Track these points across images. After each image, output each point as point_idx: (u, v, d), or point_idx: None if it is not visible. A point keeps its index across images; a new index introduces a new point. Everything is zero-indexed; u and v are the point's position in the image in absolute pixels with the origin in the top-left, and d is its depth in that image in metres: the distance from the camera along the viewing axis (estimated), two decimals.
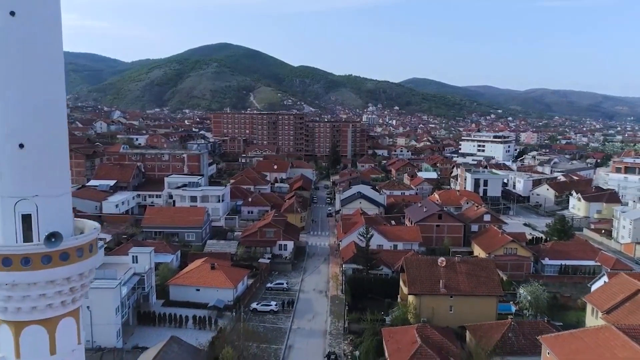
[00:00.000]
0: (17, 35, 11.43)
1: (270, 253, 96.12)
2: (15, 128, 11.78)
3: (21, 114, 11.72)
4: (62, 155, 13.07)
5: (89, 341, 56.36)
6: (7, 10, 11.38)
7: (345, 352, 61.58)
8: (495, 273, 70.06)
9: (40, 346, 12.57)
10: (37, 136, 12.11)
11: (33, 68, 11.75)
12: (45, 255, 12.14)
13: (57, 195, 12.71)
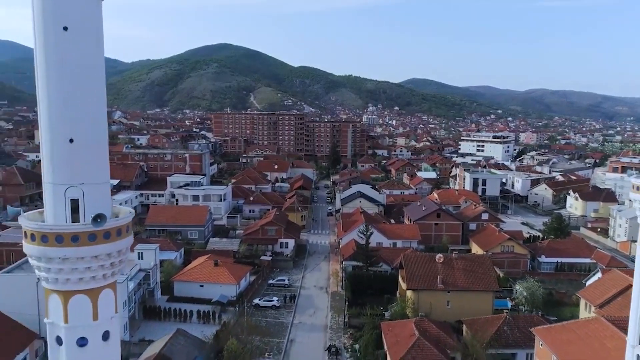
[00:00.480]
0: (68, 47, 13.48)
1: (271, 251, 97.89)
2: (67, 126, 13.86)
3: (71, 114, 13.84)
4: (103, 149, 15.07)
5: None
6: (61, 26, 13.35)
7: (346, 345, 63.38)
8: (492, 269, 71.85)
9: (84, 313, 14.65)
10: (84, 132, 14.19)
11: (81, 75, 13.81)
12: (91, 233, 14.20)
13: (99, 183, 14.82)
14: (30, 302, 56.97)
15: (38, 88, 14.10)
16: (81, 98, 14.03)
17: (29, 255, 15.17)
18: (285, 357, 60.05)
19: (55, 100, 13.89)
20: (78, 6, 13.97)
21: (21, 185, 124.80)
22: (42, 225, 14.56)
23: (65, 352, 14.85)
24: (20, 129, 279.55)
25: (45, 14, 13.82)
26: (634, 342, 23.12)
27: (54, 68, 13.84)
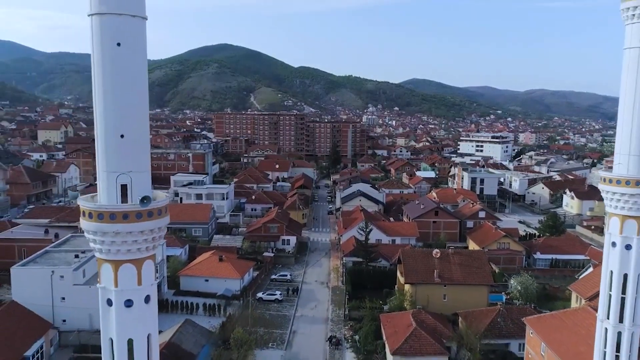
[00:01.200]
0: (121, 59, 16.21)
1: (274, 247, 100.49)
2: (119, 124, 16.60)
3: (122, 114, 16.59)
4: (146, 143, 17.81)
5: None
6: (115, 42, 16.06)
7: (346, 336, 65.94)
8: (487, 264, 74.47)
9: (131, 279, 17.45)
10: (132, 129, 16.95)
11: (130, 82, 16.49)
12: (138, 212, 16.96)
13: (143, 171, 17.60)
14: (45, 294, 59.81)
15: (95, 92, 16.93)
16: (130, 101, 16.84)
17: (86, 231, 17.85)
18: (288, 347, 62.60)
19: (110, 103, 16.67)
20: (128, 25, 16.59)
21: (28, 184, 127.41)
22: (99, 205, 17.37)
23: (114, 312, 17.72)
24: (23, 129, 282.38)
25: (103, 33, 16.42)
26: (602, 317, 25.60)
27: (109, 77, 16.60)
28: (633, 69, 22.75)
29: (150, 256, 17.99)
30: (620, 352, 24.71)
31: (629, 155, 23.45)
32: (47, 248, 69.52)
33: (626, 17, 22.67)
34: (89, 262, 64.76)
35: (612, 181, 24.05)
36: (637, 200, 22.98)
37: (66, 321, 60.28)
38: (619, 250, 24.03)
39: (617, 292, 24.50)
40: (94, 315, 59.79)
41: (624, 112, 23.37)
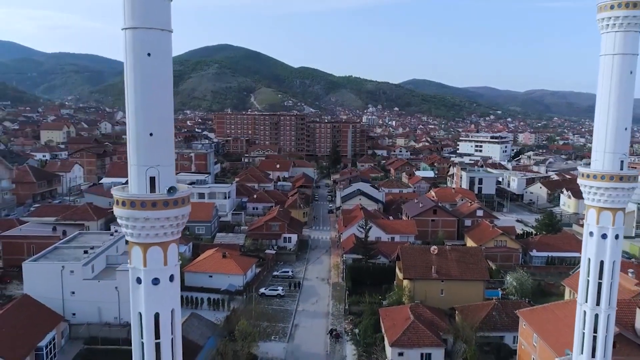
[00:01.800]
0: (151, 67, 18.34)
1: (275, 245, 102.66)
2: (148, 123, 18.74)
3: (152, 115, 18.77)
4: (171, 140, 20.02)
5: (117, 318, 63.07)
6: (146, 52, 18.21)
7: (346, 329, 68.09)
8: (483, 260, 76.60)
9: (158, 260, 19.62)
10: (159, 128, 19.14)
11: (158, 87, 18.62)
12: (165, 201, 19.16)
13: (169, 165, 19.82)
14: (55, 288, 61.94)
15: (127, 96, 19.11)
16: (158, 103, 19.01)
17: (119, 217, 20.02)
18: (290, 339, 64.75)
19: (141, 106, 18.83)
20: (157, 38, 18.70)
21: (34, 183, 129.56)
22: (131, 194, 19.57)
23: (143, 289, 19.90)
24: (26, 129, 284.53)
25: (135, 44, 18.55)
26: (581, 301, 27.72)
27: (140, 83, 18.75)
28: (607, 75, 24.90)
29: (175, 240, 20.20)
30: (598, 332, 26.88)
31: (604, 153, 25.61)
32: (56, 244, 71.66)
33: (601, 26, 24.80)
34: (98, 257, 67.01)
35: (589, 176, 26.18)
36: (611, 193, 25.12)
37: (76, 314, 62.36)
38: (595, 239, 26.16)
39: (594, 278, 26.63)
40: (103, 308, 62.41)
41: (599, 114, 25.57)
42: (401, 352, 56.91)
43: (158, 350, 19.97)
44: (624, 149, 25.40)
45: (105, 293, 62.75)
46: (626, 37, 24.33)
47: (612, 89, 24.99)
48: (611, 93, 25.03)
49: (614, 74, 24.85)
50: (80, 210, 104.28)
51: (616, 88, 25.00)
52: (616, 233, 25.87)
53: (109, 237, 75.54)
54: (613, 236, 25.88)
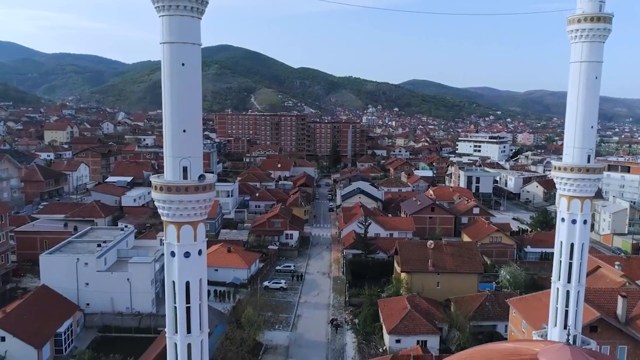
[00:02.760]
0: (184, 75, 21.63)
1: (278, 241, 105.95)
2: (182, 122, 22.02)
3: (185, 114, 22.08)
4: (200, 136, 23.34)
5: (129, 307, 66.45)
6: (181, 62, 21.58)
7: (347, 319, 71.46)
8: (477, 254, 79.97)
9: (189, 236, 22.90)
10: (191, 125, 22.44)
11: (190, 91, 21.91)
12: (196, 186, 22.46)
13: (198, 157, 23.09)
14: (70, 279, 65.29)
15: (164, 98, 22.44)
16: (189, 105, 22.30)
17: (156, 200, 23.32)
18: (293, 329, 68.12)
19: (176, 106, 22.15)
20: (189, 50, 22.03)
21: (41, 182, 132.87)
22: (168, 181, 22.85)
23: (176, 260, 23.19)
24: (29, 130, 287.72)
25: (172, 56, 21.85)
26: (555, 279, 31.05)
27: (176, 87, 22.01)
28: (575, 80, 28.15)
29: (202, 220, 23.51)
30: (569, 307, 30.19)
31: (574, 148, 28.90)
32: (70, 239, 75.06)
33: (571, 37, 28.04)
34: (110, 251, 70.40)
35: (560, 168, 29.48)
36: (579, 184, 28.37)
37: (90, 304, 65.69)
38: (566, 225, 29.44)
39: (565, 259, 29.91)
40: (116, 298, 65.78)
41: (569, 114, 28.87)
42: (398, 339, 60.28)
43: (188, 313, 23.40)
44: (590, 145, 28.73)
45: (117, 284, 66.17)
46: (592, 46, 27.61)
47: (580, 92, 28.27)
48: (579, 95, 28.32)
49: (581, 79, 28.12)
50: (88, 207, 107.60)
51: (583, 91, 28.30)
52: (584, 219, 29.20)
53: (120, 232, 78.94)
54: (582, 221, 29.19)
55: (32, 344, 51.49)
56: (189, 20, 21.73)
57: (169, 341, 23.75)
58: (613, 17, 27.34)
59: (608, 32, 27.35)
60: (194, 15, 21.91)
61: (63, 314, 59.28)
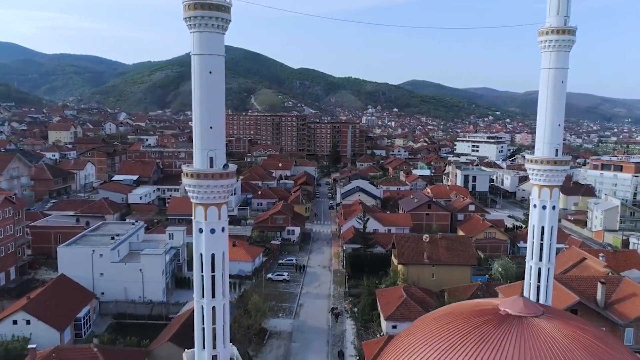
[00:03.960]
0: (212, 81, 25.68)
1: (280, 237, 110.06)
2: (209, 120, 26.04)
3: (211, 113, 26.11)
4: (223, 131, 27.38)
5: (141, 296, 70.55)
6: (208, 71, 25.68)
7: (346, 308, 75.57)
8: (470, 247, 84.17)
9: (214, 215, 26.84)
10: (216, 123, 26.44)
11: (215, 94, 25.96)
12: (220, 174, 26.48)
13: (221, 149, 27.11)
14: (86, 269, 69.42)
15: (194, 100, 26.41)
16: (215, 106, 26.30)
17: (187, 185, 27.33)
18: (295, 317, 72.22)
19: (204, 107, 26.12)
20: (215, 60, 26.01)
21: (50, 180, 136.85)
22: (197, 169, 26.77)
23: (204, 236, 27.19)
24: (34, 130, 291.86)
25: (201, 66, 25.80)
26: (528, 258, 35.09)
27: (204, 92, 25.96)
28: (545, 84, 32.09)
29: (225, 202, 27.45)
30: (541, 282, 34.30)
31: (544, 144, 32.92)
32: (84, 232, 79.19)
33: (541, 47, 32.04)
34: (122, 244, 74.51)
35: (532, 161, 33.57)
36: (548, 174, 32.38)
37: (104, 293, 69.80)
38: (538, 210, 33.48)
39: (537, 240, 33.98)
40: (129, 288, 69.87)
41: (540, 114, 32.91)
42: (395, 324, 64.33)
43: (213, 281, 27.43)
44: (558, 140, 32.75)
45: (130, 274, 70.30)
46: (558, 55, 31.59)
47: (549, 94, 32.27)
48: (548, 98, 32.34)
49: (549, 83, 32.10)
50: (97, 204, 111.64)
51: (552, 94, 32.26)
52: (553, 205, 33.20)
53: (131, 227, 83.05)
54: (551, 207, 33.23)
55: (55, 327, 55.56)
56: (215, 36, 25.72)
57: (197, 305, 27.82)
58: (576, 29, 31.41)
59: (572, 43, 31.45)
60: (219, 32, 25.88)
61: (81, 301, 63.37)
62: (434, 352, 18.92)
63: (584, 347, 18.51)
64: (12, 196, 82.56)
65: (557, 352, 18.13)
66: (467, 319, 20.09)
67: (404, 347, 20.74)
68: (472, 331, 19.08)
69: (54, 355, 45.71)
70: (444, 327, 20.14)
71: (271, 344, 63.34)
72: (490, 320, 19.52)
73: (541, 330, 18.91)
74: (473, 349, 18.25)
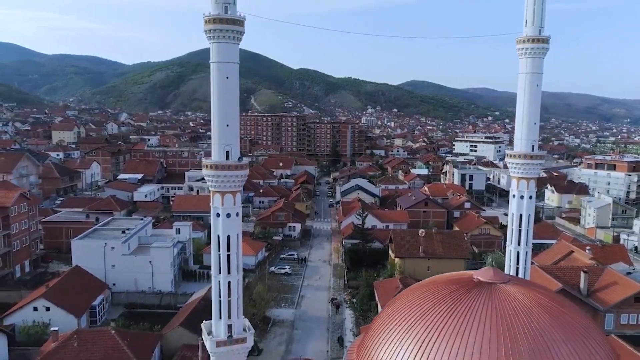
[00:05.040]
0: (228, 85, 29.38)
1: (281, 232, 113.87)
2: (226, 118, 29.70)
3: (228, 113, 29.79)
4: (237, 129, 31.07)
5: (150, 287, 74.33)
6: (225, 76, 29.42)
7: (346, 299, 79.40)
8: (464, 241, 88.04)
9: (230, 202, 30.35)
10: (232, 121, 30.06)
11: (231, 97, 29.65)
12: (235, 166, 30.18)
13: (236, 144, 30.76)
14: (99, 261, 73.21)
15: (213, 102, 29.99)
16: (231, 106, 29.95)
17: (206, 175, 30.86)
18: (297, 307, 76.06)
19: (222, 107, 29.74)
20: (231, 67, 29.63)
21: (58, 179, 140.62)
22: (215, 161, 30.23)
23: (221, 220, 30.84)
24: (37, 130, 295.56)
25: (219, 72, 29.31)
26: (509, 243, 38.86)
27: (222, 95, 29.58)
28: (522, 87, 35.89)
29: (239, 190, 31.10)
30: (519, 264, 38.14)
31: (521, 140, 36.75)
32: (95, 227, 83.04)
33: (519, 54, 35.80)
34: (132, 237, 78.29)
35: (511, 156, 37.35)
36: (526, 167, 36.14)
37: (116, 284, 73.61)
38: (516, 200, 37.24)
39: (516, 227, 37.76)
40: (139, 279, 73.63)
41: (518, 114, 36.66)
42: None
43: (229, 259, 31.12)
44: (534, 137, 36.50)
45: (140, 266, 74.11)
46: (534, 61, 35.33)
47: (526, 96, 36.03)
48: (525, 99, 36.10)
49: (526, 86, 35.88)
50: (104, 201, 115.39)
51: (528, 96, 36.02)
52: (530, 195, 36.95)
53: (140, 222, 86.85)
54: (528, 197, 37.02)
55: (72, 314, 59.35)
56: (231, 46, 29.29)
57: (214, 280, 31.50)
58: (550, 38, 35.22)
59: (546, 50, 35.21)
60: (235, 42, 29.53)
61: (95, 290, 67.18)
62: (415, 313, 22.64)
63: (542, 307, 22.21)
64: (27, 192, 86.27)
65: (519, 311, 21.83)
66: (446, 286, 23.85)
67: (390, 312, 24.51)
68: (448, 294, 22.81)
69: (75, 336, 49.51)
70: (425, 293, 23.90)
71: (274, 331, 67.21)
72: (464, 286, 23.25)
73: (507, 293, 22.60)
74: (449, 309, 21.96)
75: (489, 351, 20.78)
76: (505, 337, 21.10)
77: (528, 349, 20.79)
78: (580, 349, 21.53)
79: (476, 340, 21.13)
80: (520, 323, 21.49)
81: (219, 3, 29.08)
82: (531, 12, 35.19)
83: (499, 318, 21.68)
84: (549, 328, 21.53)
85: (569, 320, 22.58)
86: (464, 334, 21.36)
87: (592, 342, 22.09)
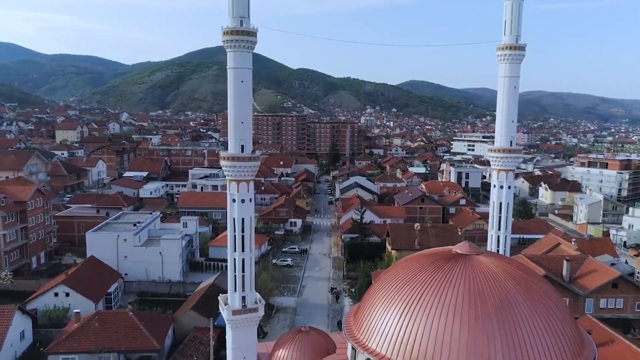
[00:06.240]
0: (243, 88, 33.63)
1: (283, 227, 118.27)
2: (241, 116, 34.03)
3: (243, 112, 34.05)
4: (250, 126, 35.33)
5: (161, 277, 78.74)
6: (240, 80, 33.70)
7: (345, 289, 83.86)
8: (457, 234, 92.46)
9: (244, 189, 34.45)
10: (246, 119, 34.36)
11: (245, 98, 33.99)
12: (249, 157, 34.53)
13: (249, 139, 35.07)
14: (112, 252, 77.59)
15: (230, 102, 34.01)
16: (245, 106, 34.24)
17: (224, 166, 35.08)
18: (299, 295, 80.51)
19: (238, 107, 33.90)
20: (246, 72, 33.90)
21: (65, 176, 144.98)
22: (231, 153, 34.37)
23: (236, 205, 35.15)
24: (41, 129, 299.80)
25: (235, 77, 33.52)
26: (489, 228, 43.28)
27: (238, 97, 33.78)
28: (501, 89, 40.34)
29: (252, 179, 35.30)
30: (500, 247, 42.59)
31: (500, 136, 41.29)
32: (107, 221, 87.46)
33: (498, 59, 40.20)
34: (143, 230, 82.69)
35: (492, 150, 41.87)
36: (504, 160, 40.65)
37: (128, 274, 78.00)
38: (497, 190, 41.76)
39: (496, 213, 42.16)
40: (150, 269, 78.03)
41: (498, 113, 41.18)
42: None
43: (243, 239, 35.55)
44: (512, 133, 41.01)
45: (151, 257, 78.51)
46: (512, 66, 39.77)
47: (504, 97, 40.49)
48: (503, 100, 40.56)
49: (505, 89, 40.32)
50: (112, 198, 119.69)
51: (507, 97, 40.50)
52: (509, 185, 41.45)
53: (149, 216, 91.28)
54: (507, 187, 41.54)
55: (90, 299, 63.75)
56: (246, 54, 33.56)
57: (230, 257, 35.95)
58: (526, 46, 39.70)
59: (522, 56, 39.67)
60: (248, 51, 33.92)
61: (109, 279, 71.61)
62: (401, 280, 27.15)
63: (508, 274, 26.64)
64: (42, 187, 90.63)
65: (489, 277, 26.24)
66: (428, 257, 28.33)
67: (382, 280, 29.03)
68: (430, 264, 27.25)
69: (96, 317, 53.98)
70: (411, 263, 28.42)
71: (278, 317, 71.69)
72: (444, 257, 27.69)
73: (479, 263, 26.99)
74: (430, 276, 26.38)
75: (462, 309, 25.23)
76: (476, 298, 25.53)
77: (495, 308, 25.23)
78: (539, 308, 26.00)
79: (451, 301, 25.56)
80: (489, 286, 25.94)
81: (235, 17, 33.47)
82: (509, 22, 39.78)
83: (471, 282, 26.13)
84: (513, 290, 25.99)
85: (531, 284, 27.07)
86: (442, 296, 25.82)
87: (549, 302, 26.57)
